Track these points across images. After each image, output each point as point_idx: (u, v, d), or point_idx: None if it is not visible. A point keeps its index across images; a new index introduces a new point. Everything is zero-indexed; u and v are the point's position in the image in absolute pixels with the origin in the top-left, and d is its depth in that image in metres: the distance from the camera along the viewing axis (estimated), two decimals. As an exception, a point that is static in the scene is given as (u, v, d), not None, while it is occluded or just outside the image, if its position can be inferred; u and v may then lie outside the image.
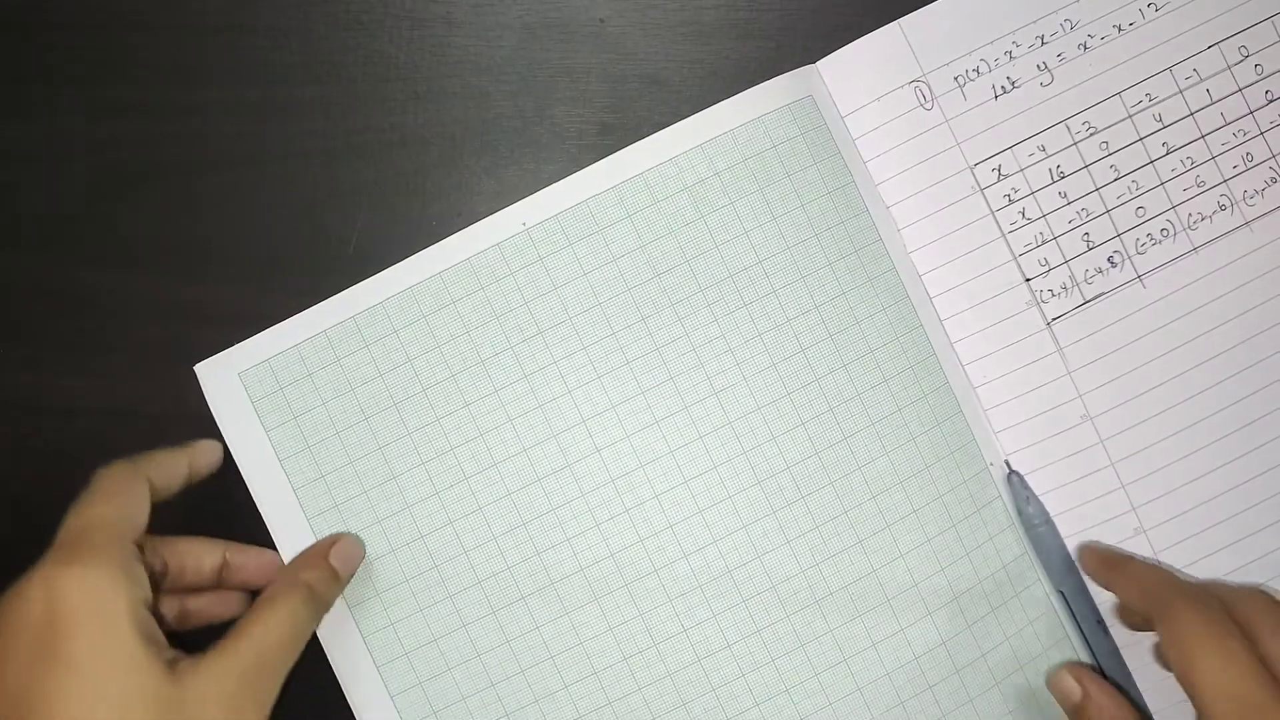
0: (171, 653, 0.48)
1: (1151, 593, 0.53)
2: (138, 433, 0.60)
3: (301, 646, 0.51)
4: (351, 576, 0.57)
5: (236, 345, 0.58)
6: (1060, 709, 0.58)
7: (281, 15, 0.60)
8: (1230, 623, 0.49)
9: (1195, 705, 0.48)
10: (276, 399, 0.58)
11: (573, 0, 0.60)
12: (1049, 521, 0.58)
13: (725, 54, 0.60)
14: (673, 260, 0.57)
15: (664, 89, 0.60)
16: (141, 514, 0.51)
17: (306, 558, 0.56)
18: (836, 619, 0.57)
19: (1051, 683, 0.57)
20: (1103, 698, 0.55)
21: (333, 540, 0.57)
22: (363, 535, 0.58)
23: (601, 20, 0.60)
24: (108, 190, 0.60)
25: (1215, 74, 0.58)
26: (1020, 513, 0.59)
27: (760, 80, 0.58)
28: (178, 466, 0.54)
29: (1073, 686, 0.56)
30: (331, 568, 0.55)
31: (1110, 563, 0.57)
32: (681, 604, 0.57)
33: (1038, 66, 0.58)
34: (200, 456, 0.56)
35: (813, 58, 0.59)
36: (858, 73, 0.58)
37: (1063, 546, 0.58)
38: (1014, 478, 0.59)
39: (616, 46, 0.60)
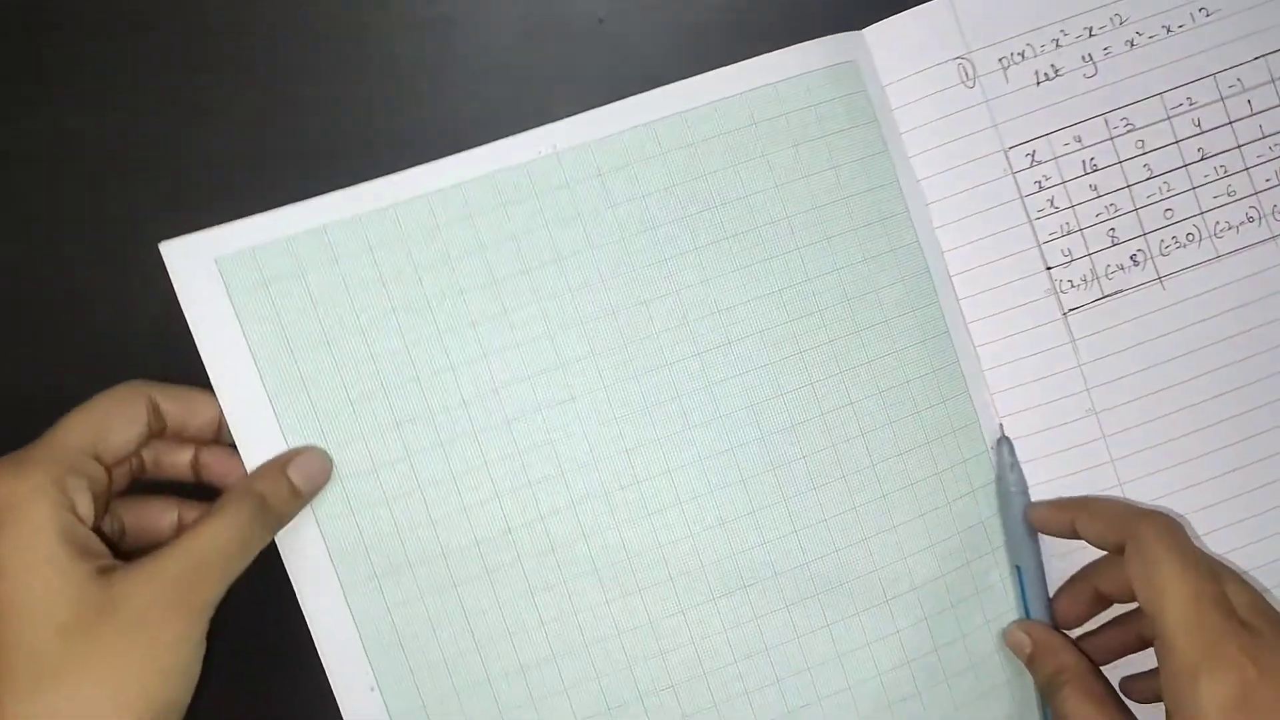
0: (109, 561, 0.48)
1: (1116, 521, 0.53)
2: None
3: (248, 559, 0.50)
4: (315, 494, 0.55)
5: (217, 226, 0.54)
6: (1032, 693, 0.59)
7: (282, 15, 0.59)
8: (1198, 552, 0.50)
9: (1159, 631, 0.49)
10: (259, 293, 0.54)
11: (572, 0, 0.59)
12: (1025, 493, 0.58)
13: (725, 54, 0.59)
14: (701, 204, 0.56)
15: (663, 90, 0.59)
16: (121, 433, 0.51)
17: (264, 469, 0.54)
18: (824, 583, 0.57)
19: (1006, 641, 0.58)
20: (1050, 639, 0.56)
21: (295, 453, 0.54)
22: (345, 450, 0.55)
23: (601, 20, 0.60)
24: (107, 190, 0.59)
25: (1259, 85, 0.59)
26: (1000, 478, 0.59)
27: None
28: (204, 407, 0.54)
29: (1023, 639, 0.57)
30: (290, 482, 0.53)
31: (1065, 505, 0.57)
32: (671, 550, 0.56)
33: (1083, 58, 0.58)
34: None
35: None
36: (903, 43, 0.58)
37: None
38: (1004, 443, 0.59)
39: (616, 47, 0.60)
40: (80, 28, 0.59)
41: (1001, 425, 0.59)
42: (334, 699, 0.56)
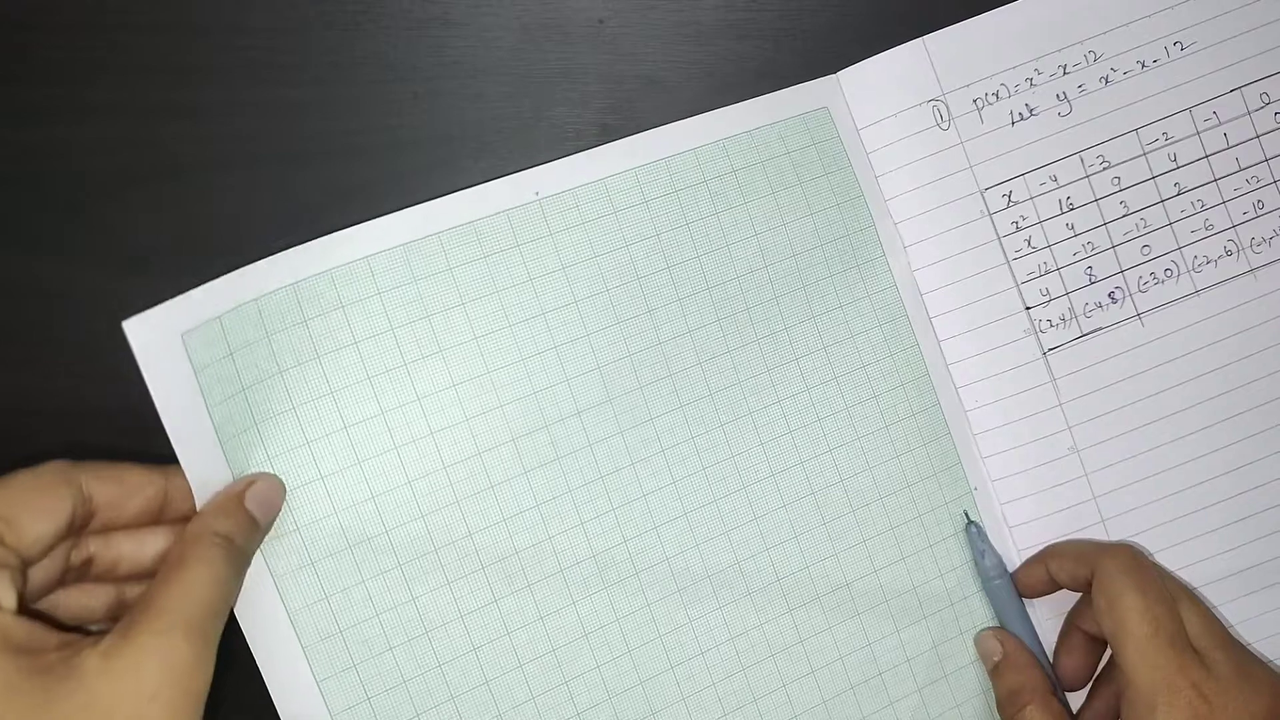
0: (68, 648, 0.41)
1: (1082, 558, 0.55)
2: (135, 433, 0.56)
3: (228, 610, 0.45)
4: (272, 524, 0.50)
5: (179, 297, 0.51)
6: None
7: (279, 16, 0.58)
8: (1157, 582, 0.52)
9: (1120, 664, 0.51)
10: (225, 367, 0.51)
11: (571, 1, 0.59)
12: (1005, 575, 0.58)
13: (724, 55, 0.59)
14: (685, 254, 0.56)
15: (663, 90, 0.59)
16: (32, 527, 0.43)
17: (218, 505, 0.48)
18: (808, 630, 0.57)
19: (977, 646, 0.59)
20: (1020, 655, 0.57)
21: (248, 481, 0.49)
22: (312, 530, 0.52)
23: (600, 21, 0.59)
24: (105, 191, 0.58)
25: (1234, 118, 0.59)
26: (976, 564, 0.59)
27: (758, 80, 0.59)
28: (140, 485, 0.48)
29: (994, 646, 0.57)
30: (249, 514, 0.48)
31: (1037, 558, 0.58)
32: (660, 608, 0.56)
33: (1057, 96, 0.58)
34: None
35: (811, 58, 0.59)
36: (878, 86, 0.58)
37: (1018, 600, 0.58)
38: (972, 529, 0.58)
39: (615, 47, 0.59)
40: (78, 29, 0.58)
41: (966, 513, 0.59)
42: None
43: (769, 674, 0.57)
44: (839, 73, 0.58)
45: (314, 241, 0.53)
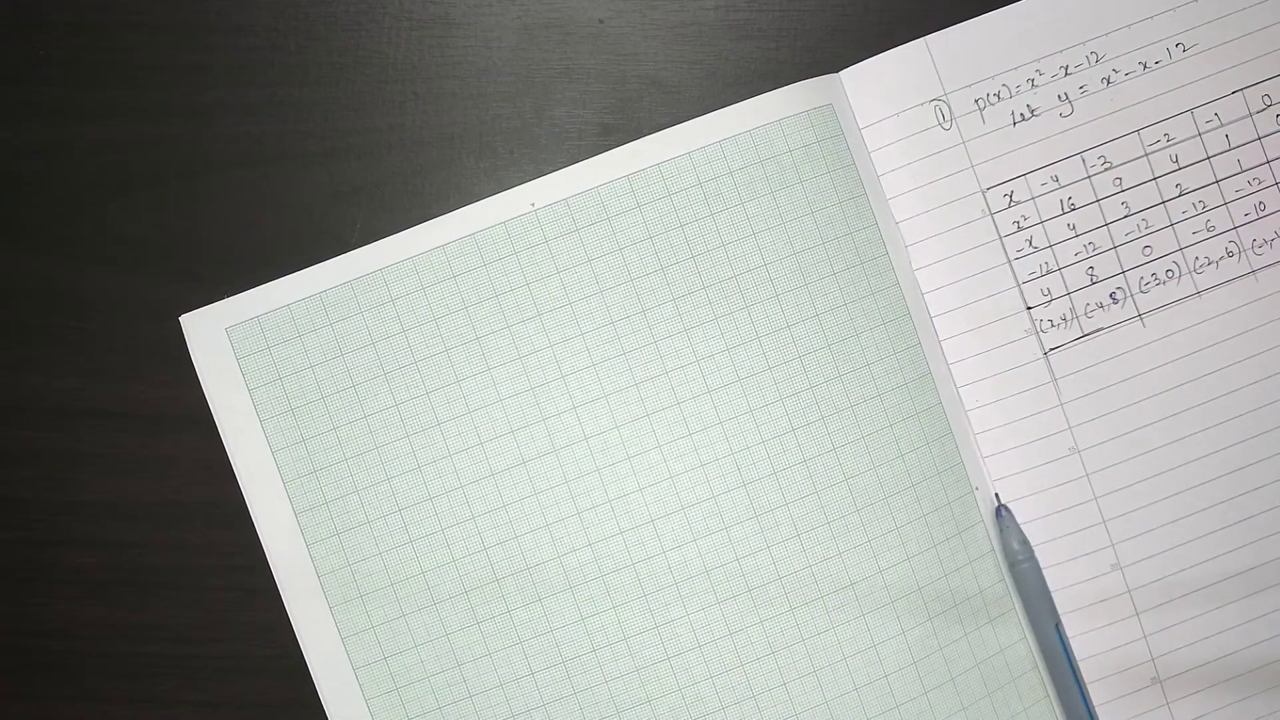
0: None
1: None
2: (137, 433, 0.59)
3: None
4: None
5: (226, 299, 0.57)
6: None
7: (281, 16, 0.59)
8: None
9: None
10: (263, 358, 0.57)
11: (572, 1, 0.60)
12: (1032, 558, 0.58)
13: (725, 55, 0.60)
14: (679, 254, 0.57)
15: (664, 90, 0.60)
16: None
17: None
18: (810, 629, 0.57)
19: None
20: None
21: None
22: (340, 504, 0.57)
23: (601, 21, 0.60)
24: (108, 190, 0.59)
25: (1236, 120, 0.58)
26: (1005, 548, 0.59)
27: (759, 81, 0.59)
28: None
29: None
30: None
31: None
32: (656, 600, 0.57)
33: (1059, 97, 0.58)
34: None
35: (812, 59, 0.59)
36: (880, 85, 0.58)
37: (1044, 584, 0.58)
38: (1003, 512, 0.58)
39: (616, 47, 0.60)
40: (79, 28, 0.59)
41: (997, 495, 0.59)
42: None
43: (769, 671, 0.57)
44: (841, 71, 0.58)
45: (335, 259, 0.58)
